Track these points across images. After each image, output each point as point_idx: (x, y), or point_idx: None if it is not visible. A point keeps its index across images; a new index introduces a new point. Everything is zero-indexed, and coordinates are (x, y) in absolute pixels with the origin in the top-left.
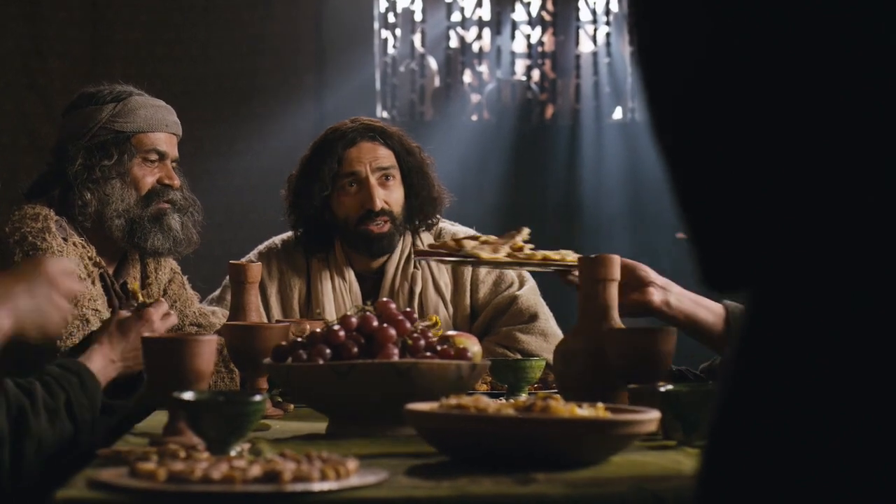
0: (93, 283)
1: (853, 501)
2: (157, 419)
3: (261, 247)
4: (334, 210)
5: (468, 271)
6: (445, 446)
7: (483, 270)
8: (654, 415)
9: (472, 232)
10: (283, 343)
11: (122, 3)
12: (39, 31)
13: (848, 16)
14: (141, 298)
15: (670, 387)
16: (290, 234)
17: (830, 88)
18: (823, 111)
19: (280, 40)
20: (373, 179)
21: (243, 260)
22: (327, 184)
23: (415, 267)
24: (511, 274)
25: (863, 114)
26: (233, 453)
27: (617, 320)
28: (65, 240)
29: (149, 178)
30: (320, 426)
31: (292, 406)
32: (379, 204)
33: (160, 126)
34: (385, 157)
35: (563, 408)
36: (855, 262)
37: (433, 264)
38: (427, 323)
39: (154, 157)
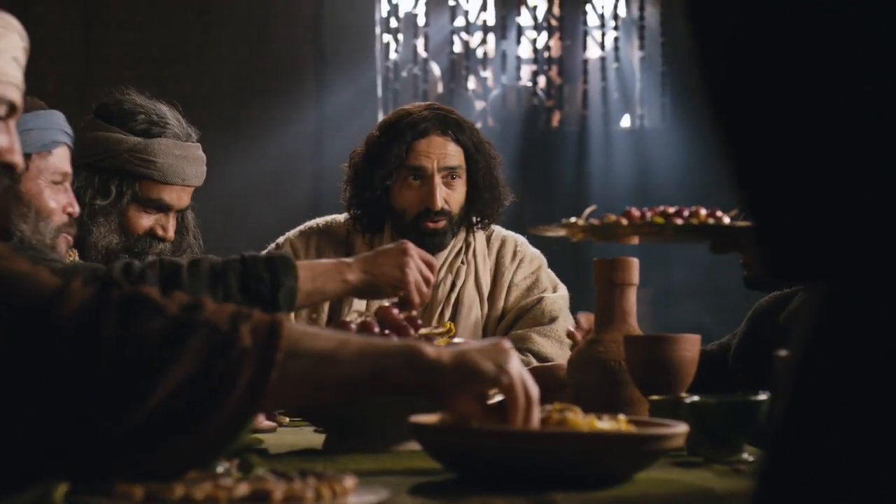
0: None
1: None
2: None
3: (302, 226)
4: (393, 199)
5: (508, 273)
6: (453, 463)
7: (520, 274)
8: (681, 428)
9: (522, 238)
10: None
11: (116, 3)
12: (30, 31)
13: None
14: None
15: (696, 398)
16: (332, 217)
17: None
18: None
19: (279, 43)
20: (437, 178)
21: (280, 239)
22: (391, 171)
23: (462, 262)
24: (546, 281)
25: None
26: (219, 470)
27: (635, 326)
28: None
29: (143, 222)
30: (317, 440)
31: (287, 419)
32: (439, 204)
33: (174, 179)
34: (454, 154)
35: (582, 420)
36: None
37: (479, 261)
38: (440, 329)
39: (155, 205)
